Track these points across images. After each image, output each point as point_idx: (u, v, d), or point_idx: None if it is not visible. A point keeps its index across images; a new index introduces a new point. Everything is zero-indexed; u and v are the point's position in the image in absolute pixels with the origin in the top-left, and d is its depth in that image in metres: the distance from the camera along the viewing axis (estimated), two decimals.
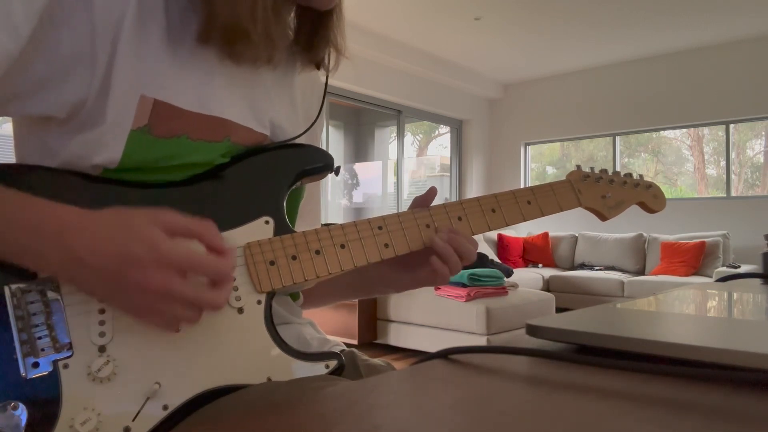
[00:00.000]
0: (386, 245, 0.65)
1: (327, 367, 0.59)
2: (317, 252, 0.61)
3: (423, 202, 0.71)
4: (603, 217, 0.78)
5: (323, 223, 0.67)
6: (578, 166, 0.78)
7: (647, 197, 0.81)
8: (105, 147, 0.55)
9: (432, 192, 0.72)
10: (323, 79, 0.78)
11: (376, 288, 0.79)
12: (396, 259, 0.66)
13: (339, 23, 0.72)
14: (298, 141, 0.69)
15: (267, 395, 0.54)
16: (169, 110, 0.57)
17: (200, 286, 0.51)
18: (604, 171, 0.79)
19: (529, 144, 7.25)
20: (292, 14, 0.72)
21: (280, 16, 0.66)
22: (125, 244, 0.48)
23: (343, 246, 0.63)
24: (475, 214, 0.70)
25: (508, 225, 0.71)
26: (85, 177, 0.56)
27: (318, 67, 0.74)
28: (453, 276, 0.68)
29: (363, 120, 7.60)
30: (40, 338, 0.50)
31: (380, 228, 0.65)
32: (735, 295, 0.78)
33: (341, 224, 0.64)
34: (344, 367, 0.61)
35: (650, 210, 0.82)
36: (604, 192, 0.77)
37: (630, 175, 0.81)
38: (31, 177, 0.54)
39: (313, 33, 0.72)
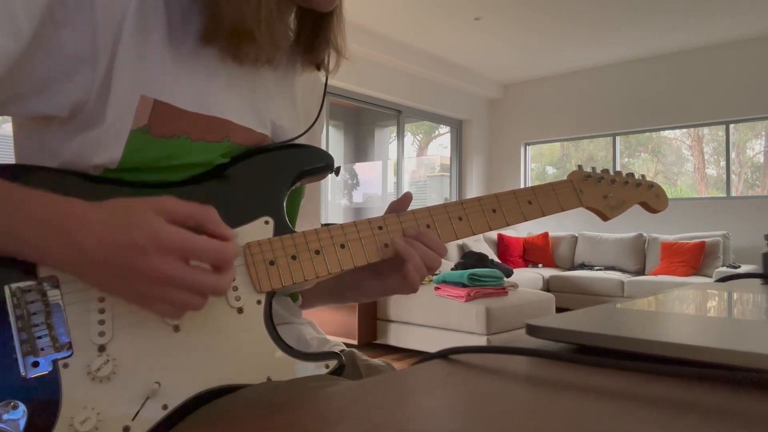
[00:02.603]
0: (386, 245, 0.65)
1: (327, 367, 0.59)
2: (317, 252, 0.61)
3: (398, 206, 0.69)
4: (605, 217, 0.78)
5: (323, 223, 0.67)
6: (579, 166, 0.78)
7: (649, 197, 0.81)
8: (105, 147, 0.55)
9: (407, 197, 0.70)
10: (324, 79, 0.78)
11: (348, 295, 0.78)
12: (368, 265, 0.65)
13: (339, 24, 0.72)
14: (298, 141, 0.69)
15: (267, 395, 0.54)
16: (169, 110, 0.57)
17: (203, 272, 0.50)
18: (605, 171, 0.79)
19: (529, 144, 7.25)
20: (293, 15, 0.72)
21: (283, 16, 0.66)
22: (126, 232, 0.47)
23: (343, 246, 0.63)
24: (476, 214, 0.69)
25: (509, 225, 0.71)
26: (85, 177, 0.56)
27: (318, 68, 0.75)
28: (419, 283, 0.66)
29: (363, 120, 7.60)
30: (39, 338, 0.50)
31: (380, 228, 0.65)
32: (735, 295, 0.78)
33: (341, 224, 0.64)
34: (344, 367, 0.61)
35: (652, 210, 0.82)
36: (605, 192, 0.77)
37: (632, 175, 0.81)
38: (32, 177, 0.54)
39: (314, 34, 0.72)
